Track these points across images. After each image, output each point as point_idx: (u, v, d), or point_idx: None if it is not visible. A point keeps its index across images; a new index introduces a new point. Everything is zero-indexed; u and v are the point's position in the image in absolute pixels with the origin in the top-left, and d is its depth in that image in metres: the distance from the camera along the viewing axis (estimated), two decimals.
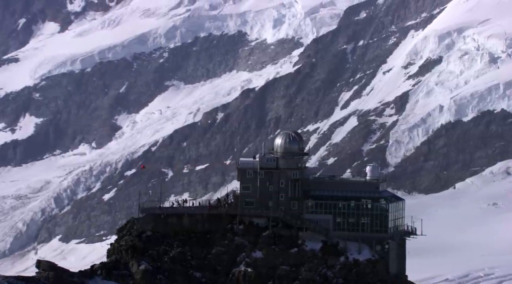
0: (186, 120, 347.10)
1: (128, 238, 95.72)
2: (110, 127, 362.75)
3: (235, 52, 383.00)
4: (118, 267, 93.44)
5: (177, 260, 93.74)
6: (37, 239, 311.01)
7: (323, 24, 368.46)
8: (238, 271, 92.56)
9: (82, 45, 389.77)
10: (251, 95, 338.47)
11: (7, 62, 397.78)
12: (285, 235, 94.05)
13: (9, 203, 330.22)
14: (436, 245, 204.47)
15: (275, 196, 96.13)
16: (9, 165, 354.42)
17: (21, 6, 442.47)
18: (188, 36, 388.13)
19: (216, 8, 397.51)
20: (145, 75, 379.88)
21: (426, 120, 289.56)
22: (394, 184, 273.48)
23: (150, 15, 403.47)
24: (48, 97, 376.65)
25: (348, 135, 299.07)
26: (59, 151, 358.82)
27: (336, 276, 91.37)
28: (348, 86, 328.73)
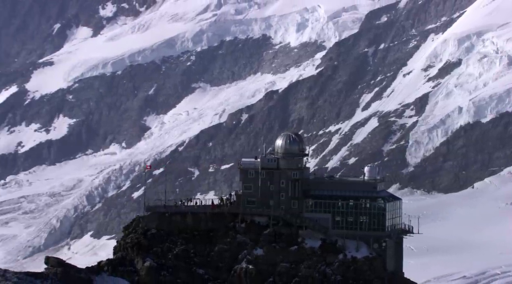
0: (212, 121, 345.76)
1: (134, 235, 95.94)
2: (139, 128, 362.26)
3: (260, 55, 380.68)
4: (124, 264, 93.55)
5: (180, 257, 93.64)
6: (70, 235, 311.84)
7: (345, 28, 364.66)
8: (240, 268, 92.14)
9: (113, 49, 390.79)
10: (274, 97, 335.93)
11: (42, 66, 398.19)
12: (285, 233, 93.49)
13: (44, 201, 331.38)
14: (454, 243, 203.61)
15: (276, 196, 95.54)
16: (44, 164, 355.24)
17: (56, 11, 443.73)
18: (214, 40, 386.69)
19: (242, 12, 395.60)
20: (173, 78, 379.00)
21: (446, 121, 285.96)
22: (414, 183, 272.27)
23: (178, 19, 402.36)
24: (81, 99, 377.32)
25: (369, 136, 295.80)
26: (91, 151, 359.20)
27: (335, 273, 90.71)
28: (369, 88, 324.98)
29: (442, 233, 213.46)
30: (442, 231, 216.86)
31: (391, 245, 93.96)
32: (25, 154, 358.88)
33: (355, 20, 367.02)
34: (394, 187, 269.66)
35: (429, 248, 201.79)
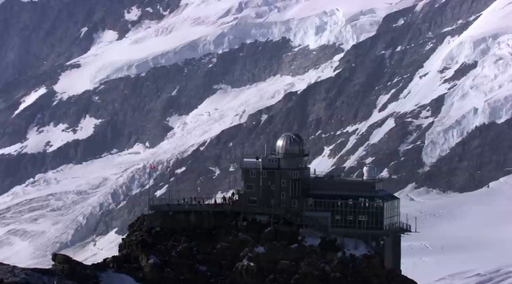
0: (233, 121, 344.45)
1: (138, 233, 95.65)
2: (163, 128, 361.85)
3: (279, 57, 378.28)
4: (129, 261, 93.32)
5: (184, 254, 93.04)
6: (95, 231, 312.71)
7: (363, 30, 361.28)
8: (241, 265, 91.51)
9: (137, 52, 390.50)
10: (293, 98, 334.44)
11: (70, 68, 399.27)
12: (286, 231, 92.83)
13: (70, 198, 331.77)
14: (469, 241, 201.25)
15: (277, 195, 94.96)
16: (71, 163, 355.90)
17: (83, 16, 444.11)
18: (235, 43, 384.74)
19: (262, 16, 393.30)
20: (195, 79, 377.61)
21: (461, 122, 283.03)
22: (430, 183, 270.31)
23: (200, 23, 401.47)
24: (106, 100, 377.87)
25: (386, 136, 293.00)
26: (116, 150, 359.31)
27: (334, 270, 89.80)
28: (386, 89, 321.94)
29: (457, 232, 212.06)
30: (457, 230, 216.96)
31: (389, 243, 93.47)
32: (53, 153, 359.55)
33: (373, 23, 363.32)
34: (410, 186, 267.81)
35: (444, 246, 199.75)
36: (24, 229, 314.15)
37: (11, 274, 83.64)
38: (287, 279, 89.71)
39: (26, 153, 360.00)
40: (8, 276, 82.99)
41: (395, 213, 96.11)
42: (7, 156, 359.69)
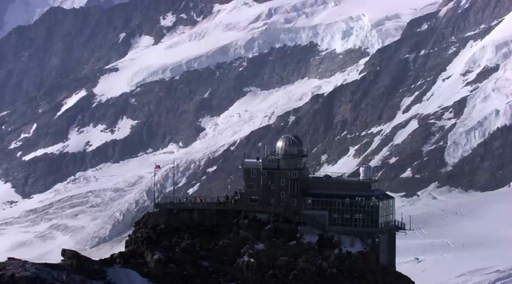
0: (262, 122, 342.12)
1: (144, 230, 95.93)
2: (195, 129, 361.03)
3: (307, 61, 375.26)
4: (135, 256, 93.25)
5: (187, 250, 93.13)
6: (131, 227, 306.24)
7: (388, 35, 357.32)
8: (242, 261, 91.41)
9: (172, 56, 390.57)
10: (320, 100, 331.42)
11: (108, 71, 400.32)
12: (285, 229, 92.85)
13: (108, 195, 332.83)
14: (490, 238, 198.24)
15: (277, 194, 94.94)
16: (109, 162, 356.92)
17: (122, 22, 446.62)
18: (265, 47, 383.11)
19: (291, 21, 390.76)
20: (226, 82, 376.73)
21: (483, 123, 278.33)
22: (452, 182, 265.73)
23: (232, 28, 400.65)
24: (142, 102, 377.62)
25: (409, 137, 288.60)
26: (151, 150, 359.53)
27: (331, 266, 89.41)
28: (409, 92, 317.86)
29: (478, 229, 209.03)
30: (478, 227, 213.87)
31: (384, 241, 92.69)
32: (92, 153, 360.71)
33: (398, 28, 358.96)
34: (433, 185, 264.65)
35: (466, 243, 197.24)
36: (65, 224, 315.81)
37: (22, 269, 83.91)
38: (286, 274, 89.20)
39: (68, 152, 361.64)
40: (19, 271, 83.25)
41: (390, 212, 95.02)
42: (50, 155, 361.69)
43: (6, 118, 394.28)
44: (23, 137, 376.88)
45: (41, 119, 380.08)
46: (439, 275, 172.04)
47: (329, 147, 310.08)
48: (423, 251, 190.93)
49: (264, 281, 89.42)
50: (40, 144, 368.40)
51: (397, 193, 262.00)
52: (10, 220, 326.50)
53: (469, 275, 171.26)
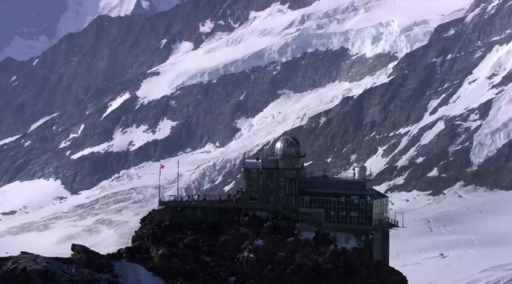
0: (294, 123, 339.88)
1: (149, 226, 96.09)
2: (231, 129, 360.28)
3: (338, 65, 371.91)
4: (141, 251, 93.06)
5: (190, 246, 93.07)
6: None
7: (416, 40, 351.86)
8: (242, 256, 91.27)
9: (210, 60, 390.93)
10: (350, 102, 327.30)
11: (150, 75, 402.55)
12: (283, 226, 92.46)
13: (149, 192, 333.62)
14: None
15: (275, 193, 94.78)
16: (150, 161, 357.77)
17: (163, 29, 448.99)
18: (297, 52, 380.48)
19: (323, 27, 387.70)
20: (261, 85, 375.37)
21: (508, 124, 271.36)
22: (477, 181, 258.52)
23: (266, 34, 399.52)
24: (182, 104, 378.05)
25: (436, 138, 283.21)
26: (190, 149, 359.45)
27: (326, 262, 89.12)
28: (436, 94, 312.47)
29: (502, 227, 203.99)
30: (502, 225, 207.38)
31: (378, 237, 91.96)
32: (135, 152, 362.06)
33: (426, 33, 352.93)
34: (459, 184, 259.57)
35: (489, 240, 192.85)
36: (110, 219, 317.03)
37: (34, 262, 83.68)
38: (284, 269, 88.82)
39: (112, 151, 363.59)
40: (31, 264, 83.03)
41: (384, 210, 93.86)
42: (96, 154, 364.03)
43: (57, 119, 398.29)
44: (72, 137, 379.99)
45: (88, 120, 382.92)
46: (463, 270, 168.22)
47: (358, 147, 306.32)
48: (448, 247, 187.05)
49: (263, 276, 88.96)
50: (87, 143, 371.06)
51: (423, 192, 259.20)
52: (60, 214, 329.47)
53: (491, 271, 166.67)
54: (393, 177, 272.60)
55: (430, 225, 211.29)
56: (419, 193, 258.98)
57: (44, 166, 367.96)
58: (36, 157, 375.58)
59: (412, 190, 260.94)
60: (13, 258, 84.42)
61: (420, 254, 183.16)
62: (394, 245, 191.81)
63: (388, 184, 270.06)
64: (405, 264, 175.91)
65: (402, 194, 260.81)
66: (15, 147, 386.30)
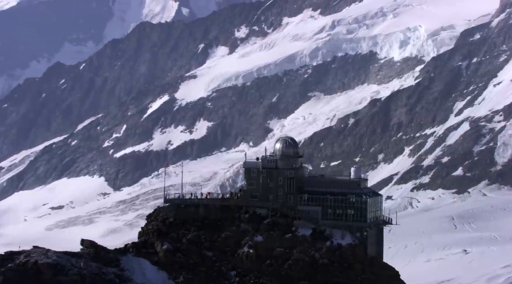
0: (324, 124, 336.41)
1: (155, 223, 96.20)
2: (264, 130, 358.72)
3: (367, 68, 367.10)
4: (146, 246, 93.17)
5: (193, 241, 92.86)
6: None
7: (443, 44, 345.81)
8: (242, 251, 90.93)
9: (244, 64, 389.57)
10: (377, 104, 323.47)
11: (188, 78, 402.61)
12: (282, 223, 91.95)
13: (186, 189, 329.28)
14: None
15: (275, 191, 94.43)
16: (187, 159, 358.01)
17: (201, 34, 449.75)
18: (328, 56, 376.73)
19: (352, 32, 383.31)
20: (293, 88, 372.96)
21: None
22: (501, 180, 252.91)
23: (298, 39, 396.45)
24: (217, 106, 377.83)
25: (461, 138, 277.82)
26: (225, 149, 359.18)
27: (322, 257, 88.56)
28: (462, 96, 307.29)
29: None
30: None
31: (373, 234, 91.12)
32: (173, 151, 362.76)
33: (452, 38, 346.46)
34: (483, 183, 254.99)
35: None
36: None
37: (45, 256, 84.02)
38: (282, 264, 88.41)
39: (152, 150, 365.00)
40: (42, 258, 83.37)
41: (378, 208, 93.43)
42: (137, 153, 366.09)
43: (101, 120, 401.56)
44: (115, 137, 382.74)
45: (130, 121, 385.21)
46: (485, 266, 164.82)
47: (386, 147, 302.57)
48: (471, 243, 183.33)
49: (262, 270, 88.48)
50: (129, 143, 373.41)
51: (449, 190, 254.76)
52: (103, 209, 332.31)
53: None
54: (419, 176, 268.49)
55: (454, 222, 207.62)
56: (444, 191, 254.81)
57: (89, 164, 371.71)
58: (82, 155, 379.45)
59: (438, 189, 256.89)
60: (25, 252, 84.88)
61: (444, 250, 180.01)
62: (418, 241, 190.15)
63: (414, 183, 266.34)
64: (429, 259, 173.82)
65: (428, 193, 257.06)
66: (63, 146, 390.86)
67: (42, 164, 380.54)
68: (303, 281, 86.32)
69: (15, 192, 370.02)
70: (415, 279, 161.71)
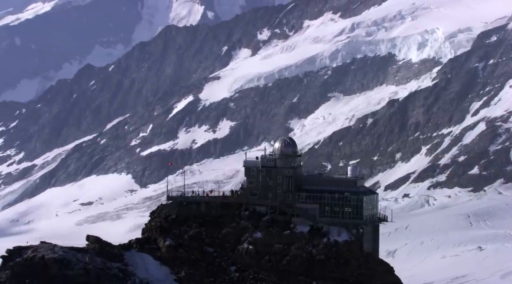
0: (343, 124, 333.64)
1: (158, 220, 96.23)
2: (285, 129, 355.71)
3: (385, 69, 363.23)
4: (149, 242, 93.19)
5: (194, 238, 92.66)
6: None
7: (460, 46, 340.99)
8: (242, 247, 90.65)
9: (266, 66, 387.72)
10: (395, 104, 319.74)
11: (212, 80, 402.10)
12: (280, 220, 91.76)
13: (210, 186, 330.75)
14: None
15: (274, 189, 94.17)
16: (211, 157, 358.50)
17: (225, 37, 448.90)
18: (347, 58, 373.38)
19: (371, 35, 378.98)
20: (313, 89, 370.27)
21: None
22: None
23: (318, 41, 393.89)
24: (240, 106, 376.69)
25: (477, 138, 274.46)
26: (247, 147, 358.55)
27: (319, 253, 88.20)
28: (478, 97, 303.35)
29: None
30: None
31: (368, 231, 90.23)
32: (197, 149, 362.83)
33: (469, 40, 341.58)
34: (499, 181, 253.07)
35: None
36: None
37: (51, 251, 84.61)
38: (280, 260, 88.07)
39: (177, 149, 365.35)
40: (48, 253, 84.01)
41: (374, 206, 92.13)
42: (163, 151, 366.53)
43: (128, 120, 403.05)
44: (141, 136, 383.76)
45: (156, 120, 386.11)
46: (499, 263, 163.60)
47: (403, 146, 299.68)
48: (486, 240, 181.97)
49: (261, 265, 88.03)
50: (155, 141, 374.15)
51: (465, 188, 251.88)
52: (130, 205, 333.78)
53: None
54: (436, 174, 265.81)
55: (470, 220, 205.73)
56: (461, 189, 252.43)
57: (117, 162, 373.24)
58: (110, 153, 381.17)
59: (454, 187, 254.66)
60: (33, 247, 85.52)
61: (459, 247, 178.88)
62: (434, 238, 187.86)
63: (431, 181, 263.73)
64: (444, 256, 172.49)
65: (444, 191, 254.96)
66: (92, 145, 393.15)
67: (73, 162, 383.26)
68: (300, 276, 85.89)
69: (47, 189, 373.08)
70: (431, 274, 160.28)
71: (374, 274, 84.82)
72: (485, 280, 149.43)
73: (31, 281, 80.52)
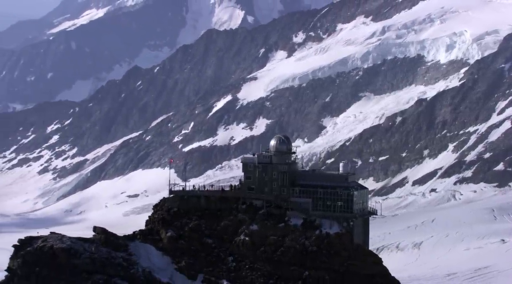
0: (373, 122, 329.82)
1: (160, 212, 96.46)
2: (318, 127, 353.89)
3: (415, 70, 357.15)
4: (152, 234, 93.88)
5: (194, 229, 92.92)
6: None
7: (487, 48, 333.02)
8: (239, 239, 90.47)
9: (300, 67, 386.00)
10: (423, 104, 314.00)
11: (249, 80, 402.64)
12: (275, 213, 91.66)
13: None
14: None
15: (269, 184, 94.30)
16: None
17: (262, 40, 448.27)
18: (378, 59, 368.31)
19: (401, 37, 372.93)
20: (345, 89, 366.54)
21: None
22: None
23: (351, 43, 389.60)
24: (275, 105, 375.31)
25: (502, 135, 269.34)
26: None
27: (312, 245, 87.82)
28: (504, 96, 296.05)
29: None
30: None
31: (359, 224, 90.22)
32: (235, 146, 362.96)
33: (496, 42, 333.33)
34: None
35: None
36: None
37: (60, 241, 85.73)
38: (275, 251, 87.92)
39: (216, 145, 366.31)
40: (57, 243, 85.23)
41: (364, 200, 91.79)
42: (203, 147, 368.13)
43: (172, 118, 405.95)
44: (183, 133, 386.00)
45: (197, 118, 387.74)
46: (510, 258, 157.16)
47: (431, 143, 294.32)
48: (509, 233, 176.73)
49: (257, 256, 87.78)
50: (196, 138, 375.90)
51: (490, 184, 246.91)
52: None
53: None
54: (462, 170, 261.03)
55: (494, 214, 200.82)
56: (486, 185, 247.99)
57: (161, 157, 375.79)
58: (154, 149, 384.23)
59: (480, 182, 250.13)
60: (42, 237, 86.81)
61: (483, 240, 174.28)
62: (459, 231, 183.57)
63: (457, 177, 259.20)
64: (468, 248, 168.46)
65: (470, 186, 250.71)
66: (138, 141, 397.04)
67: (121, 157, 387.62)
68: (293, 266, 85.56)
69: (97, 182, 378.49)
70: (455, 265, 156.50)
71: (363, 265, 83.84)
72: (507, 271, 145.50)
73: (40, 269, 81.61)
